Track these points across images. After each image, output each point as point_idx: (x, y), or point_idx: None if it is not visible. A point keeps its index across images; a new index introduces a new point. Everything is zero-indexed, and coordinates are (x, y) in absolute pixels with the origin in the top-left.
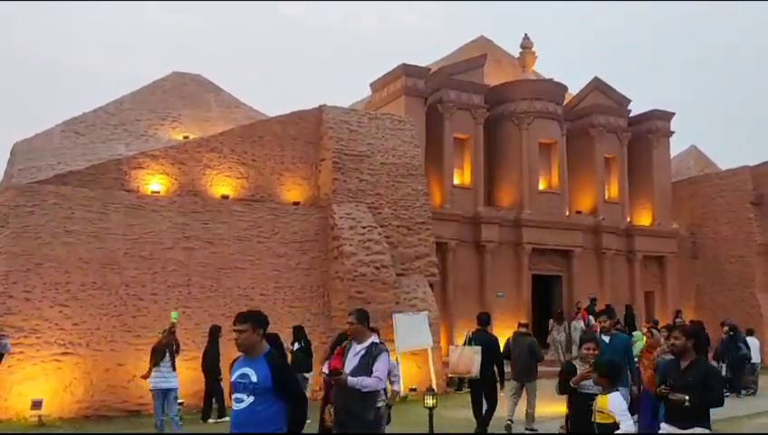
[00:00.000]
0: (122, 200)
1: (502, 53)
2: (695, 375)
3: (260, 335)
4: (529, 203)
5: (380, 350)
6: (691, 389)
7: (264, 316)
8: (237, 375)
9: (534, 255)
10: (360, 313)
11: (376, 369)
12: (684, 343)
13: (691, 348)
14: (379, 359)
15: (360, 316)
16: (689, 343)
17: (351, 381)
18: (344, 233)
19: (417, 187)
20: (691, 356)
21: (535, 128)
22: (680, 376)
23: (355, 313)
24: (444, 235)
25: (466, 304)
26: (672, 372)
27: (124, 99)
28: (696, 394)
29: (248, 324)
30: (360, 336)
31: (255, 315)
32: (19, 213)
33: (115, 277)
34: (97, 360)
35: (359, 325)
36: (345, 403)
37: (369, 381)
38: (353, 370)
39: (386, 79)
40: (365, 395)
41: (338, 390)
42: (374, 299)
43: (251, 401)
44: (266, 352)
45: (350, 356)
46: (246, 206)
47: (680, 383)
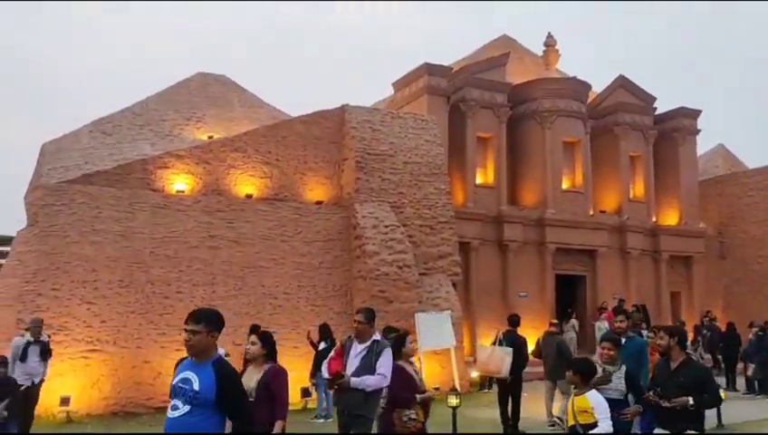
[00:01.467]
0: (148, 200)
1: (525, 52)
2: (686, 376)
3: (213, 338)
4: (552, 202)
5: (383, 346)
6: (683, 390)
7: (220, 317)
8: (179, 379)
9: (558, 254)
10: (369, 312)
11: (379, 365)
12: (667, 342)
13: (678, 347)
14: (383, 355)
15: (368, 315)
16: (673, 341)
17: (354, 382)
18: (367, 232)
19: (439, 186)
20: (681, 356)
21: (559, 126)
22: (671, 377)
23: (364, 311)
24: (467, 234)
25: (489, 303)
26: (662, 373)
27: (150, 99)
28: (687, 394)
29: (202, 325)
30: (364, 336)
31: (211, 315)
32: (48, 212)
33: (141, 276)
34: (124, 357)
35: (367, 325)
36: (348, 405)
37: (372, 380)
38: (356, 370)
39: (408, 78)
40: (369, 395)
41: (340, 391)
42: (396, 298)
43: (186, 411)
44: (216, 358)
45: (351, 356)
46: (270, 205)
47: (671, 384)
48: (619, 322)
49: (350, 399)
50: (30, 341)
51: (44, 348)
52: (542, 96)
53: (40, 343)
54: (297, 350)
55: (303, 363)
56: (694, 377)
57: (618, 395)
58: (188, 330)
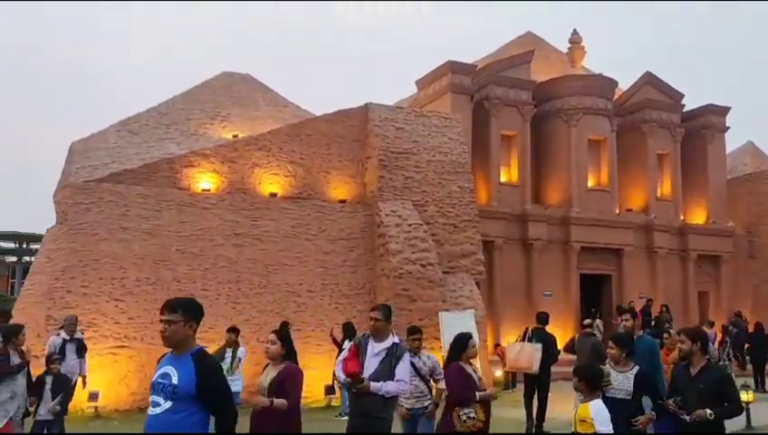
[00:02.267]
0: (174, 198)
1: (550, 49)
2: (706, 382)
3: (192, 329)
4: (578, 201)
5: (403, 350)
6: (702, 397)
7: (198, 306)
8: (158, 374)
9: (583, 253)
10: (386, 308)
11: (398, 372)
12: (689, 347)
13: (699, 352)
14: (402, 359)
15: (386, 312)
16: (695, 346)
17: (374, 387)
18: (390, 230)
19: (463, 184)
20: (701, 361)
21: (584, 124)
22: (690, 383)
23: (382, 308)
24: (490, 233)
25: (513, 303)
26: (682, 379)
27: (175, 99)
28: (708, 402)
29: (179, 314)
30: (381, 334)
31: (188, 304)
32: (77, 210)
33: (168, 273)
34: (151, 353)
35: (384, 322)
36: (367, 409)
37: (392, 387)
38: (375, 373)
39: (432, 76)
40: (388, 400)
41: (358, 396)
42: (420, 297)
43: (167, 407)
44: (195, 350)
45: (368, 356)
46: (294, 203)
47: (690, 391)
48: (624, 320)
49: (370, 403)
50: (66, 338)
51: (80, 345)
52: (568, 93)
53: (76, 341)
54: (321, 347)
55: (327, 361)
56: (714, 383)
57: (623, 395)
58: (164, 320)
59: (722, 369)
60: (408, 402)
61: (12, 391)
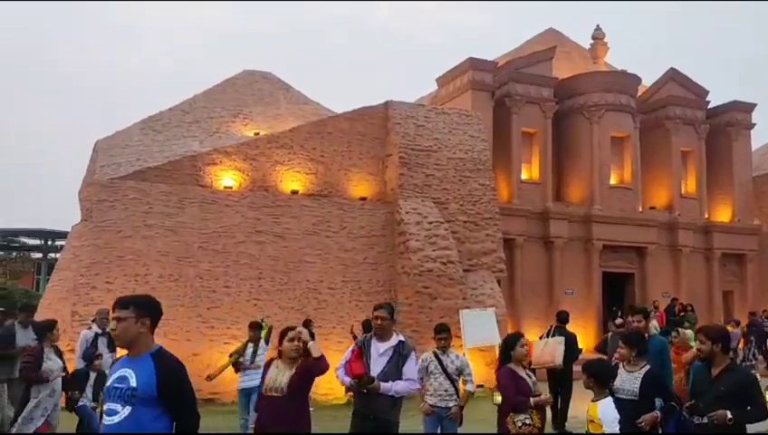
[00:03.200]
0: (197, 195)
1: (572, 45)
2: (727, 384)
3: (146, 327)
4: (600, 198)
5: (409, 348)
6: (722, 399)
7: (154, 303)
8: (113, 379)
9: (605, 252)
10: (390, 307)
11: (407, 370)
12: (709, 348)
13: (720, 352)
14: (410, 358)
15: (390, 311)
16: (716, 347)
17: (385, 388)
18: (410, 228)
19: (484, 182)
20: (723, 362)
21: (607, 121)
22: (710, 386)
23: (385, 307)
24: (511, 230)
25: (534, 301)
26: (703, 381)
27: (198, 97)
28: (728, 405)
29: (129, 311)
30: (385, 334)
31: (141, 301)
32: (101, 207)
33: (190, 270)
34: (173, 349)
35: (389, 321)
36: (376, 410)
37: (402, 386)
38: (383, 373)
39: (452, 73)
40: (397, 400)
41: (365, 396)
42: (440, 295)
43: (127, 414)
44: (155, 349)
45: (373, 356)
46: (315, 201)
47: (710, 394)
48: (636, 321)
49: (379, 404)
50: (98, 332)
51: (112, 339)
52: (590, 90)
53: (107, 335)
54: (341, 344)
55: None
56: (736, 385)
57: (629, 396)
58: (113, 317)
59: (745, 370)
60: (432, 399)
61: (51, 389)
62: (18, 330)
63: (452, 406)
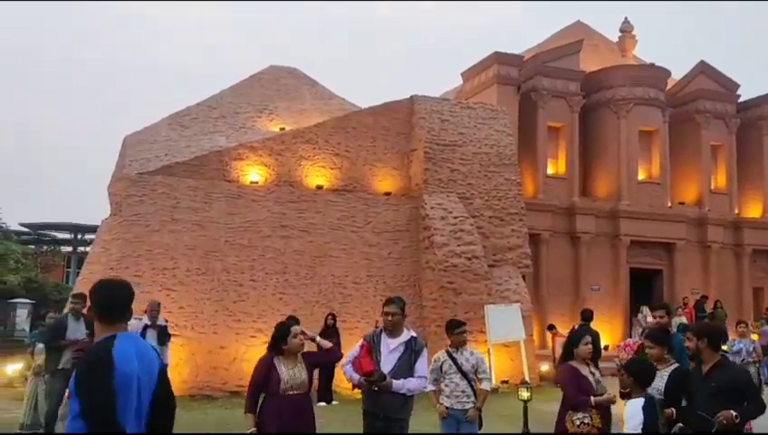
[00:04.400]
0: (224, 190)
1: (599, 38)
2: (718, 380)
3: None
4: (628, 193)
5: (421, 344)
6: (715, 397)
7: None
8: None
9: (633, 247)
10: (401, 302)
11: (418, 368)
12: (695, 345)
13: (708, 349)
14: (422, 355)
15: (401, 306)
16: (702, 343)
17: (396, 385)
18: (435, 223)
19: (509, 176)
20: (713, 359)
21: (635, 115)
22: (701, 384)
23: (396, 301)
24: (537, 226)
25: (560, 297)
26: (695, 380)
27: (224, 93)
28: (722, 403)
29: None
30: (396, 329)
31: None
32: (130, 202)
33: (217, 264)
34: (201, 342)
35: (401, 316)
36: (387, 408)
37: (414, 384)
38: (394, 370)
39: (478, 68)
40: (408, 399)
41: (375, 393)
42: (465, 290)
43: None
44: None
45: (383, 353)
46: (340, 196)
47: (702, 393)
48: (659, 317)
49: (390, 402)
50: (147, 324)
51: (162, 331)
52: (618, 84)
53: (157, 327)
54: None
55: None
56: (728, 382)
57: (656, 394)
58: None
59: (737, 366)
60: (448, 402)
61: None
62: (70, 321)
63: (468, 408)
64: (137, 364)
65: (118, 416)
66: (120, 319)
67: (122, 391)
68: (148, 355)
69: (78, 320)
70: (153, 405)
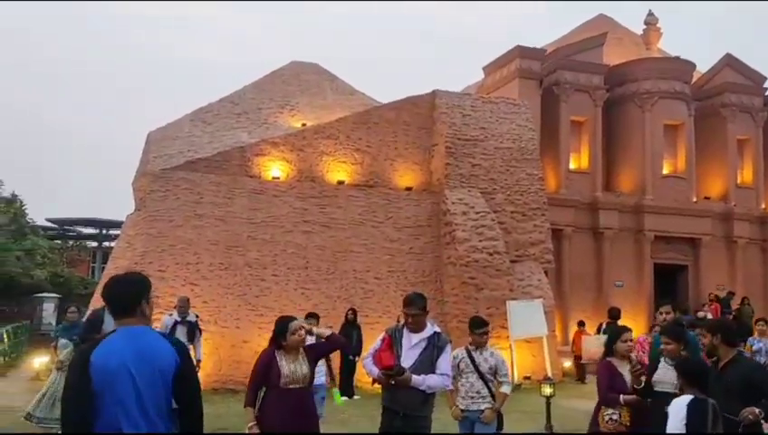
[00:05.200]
0: (246, 186)
1: (623, 31)
2: (733, 377)
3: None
4: (652, 188)
5: (445, 340)
6: (730, 394)
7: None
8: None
9: (657, 243)
10: (421, 299)
11: (441, 365)
12: (709, 341)
13: (723, 344)
14: (445, 351)
15: (423, 304)
16: (716, 339)
17: (416, 381)
18: (457, 218)
19: (531, 171)
20: (729, 354)
21: (660, 109)
22: (716, 380)
23: (417, 300)
24: (559, 221)
25: (582, 293)
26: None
27: (246, 88)
28: (736, 399)
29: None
30: (419, 326)
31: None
32: (154, 197)
33: (239, 259)
34: (224, 336)
35: (422, 315)
36: (407, 405)
37: (435, 381)
38: (415, 366)
39: (499, 62)
40: (428, 396)
41: (394, 389)
42: (487, 285)
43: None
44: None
45: (404, 348)
46: (361, 191)
47: (716, 389)
48: (665, 313)
49: (410, 398)
50: (177, 320)
51: (192, 327)
52: (643, 77)
53: (187, 323)
54: None
55: None
56: (743, 378)
57: (672, 389)
58: None
59: (753, 362)
60: (463, 403)
61: None
62: (106, 316)
63: (484, 408)
64: (128, 361)
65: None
66: (123, 314)
67: (106, 388)
68: (150, 354)
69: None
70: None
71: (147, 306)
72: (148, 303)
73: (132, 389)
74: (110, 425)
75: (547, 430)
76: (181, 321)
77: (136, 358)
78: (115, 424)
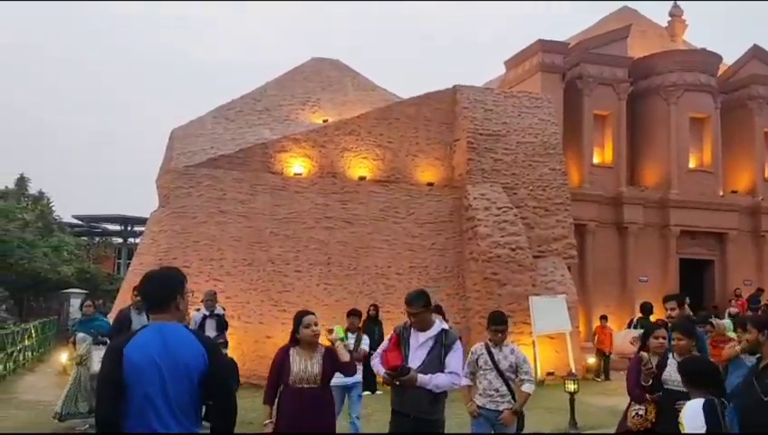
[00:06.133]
0: (268, 182)
1: (648, 23)
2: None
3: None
4: (677, 182)
5: (453, 338)
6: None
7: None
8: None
9: (683, 238)
10: (422, 297)
11: (449, 363)
12: (755, 337)
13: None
14: (453, 349)
15: (425, 301)
16: (762, 335)
17: (422, 381)
18: (479, 214)
19: (554, 166)
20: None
21: (685, 101)
22: (757, 378)
23: (417, 299)
24: (583, 216)
25: (606, 288)
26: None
27: (268, 85)
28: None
29: None
30: (425, 324)
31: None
32: (178, 194)
33: (262, 255)
34: (247, 332)
35: (425, 313)
36: (414, 407)
37: (442, 380)
38: (422, 366)
39: (521, 56)
40: (438, 396)
41: (401, 391)
42: (509, 281)
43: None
44: None
45: (412, 348)
46: (382, 187)
47: (758, 388)
48: (669, 309)
49: (416, 399)
50: (206, 314)
51: (220, 321)
52: (668, 69)
53: (215, 317)
54: None
55: None
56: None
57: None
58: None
59: None
60: (481, 401)
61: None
62: (133, 315)
63: (503, 409)
64: (157, 357)
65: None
66: (158, 309)
67: (135, 382)
68: (178, 351)
69: (141, 313)
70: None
71: (182, 301)
72: (184, 298)
73: (160, 384)
74: (140, 417)
75: (571, 427)
76: (210, 315)
77: (165, 354)
78: (144, 418)
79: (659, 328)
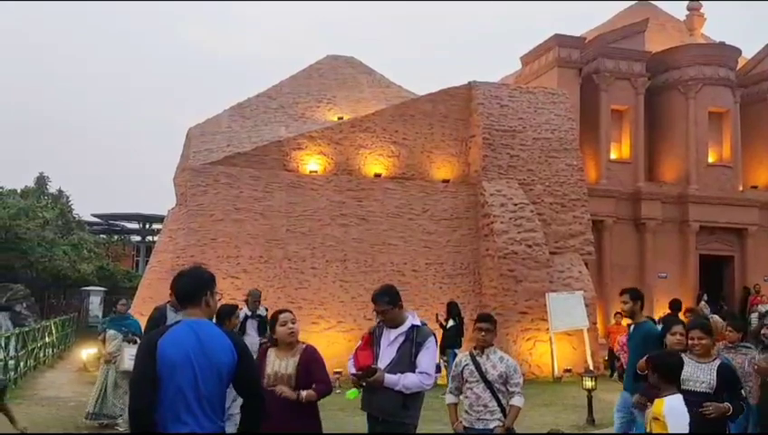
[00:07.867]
0: (284, 180)
1: (666, 17)
2: None
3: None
4: (696, 178)
5: (425, 334)
6: None
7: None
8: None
9: (702, 233)
10: (391, 292)
11: (421, 361)
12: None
13: None
14: (425, 346)
15: (393, 298)
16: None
17: (390, 381)
18: (495, 210)
19: (571, 162)
20: None
21: (704, 96)
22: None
23: (381, 295)
24: (600, 212)
25: (624, 284)
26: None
27: (283, 83)
28: None
29: None
30: (395, 321)
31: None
32: (195, 192)
33: (279, 252)
34: None
35: (393, 310)
36: (382, 410)
37: (411, 380)
38: (392, 364)
39: (537, 51)
40: (408, 397)
41: (371, 392)
42: (526, 278)
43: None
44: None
45: (383, 346)
46: (398, 184)
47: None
48: (622, 302)
49: (385, 401)
50: (248, 314)
51: (262, 322)
52: (686, 64)
53: (257, 317)
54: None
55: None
56: None
57: (705, 388)
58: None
59: None
60: (467, 419)
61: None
62: (169, 313)
63: (493, 427)
64: (191, 352)
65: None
66: (188, 305)
67: (168, 375)
68: (211, 348)
69: (177, 312)
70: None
71: (212, 299)
72: (213, 296)
73: (192, 379)
74: (171, 411)
75: (589, 424)
76: (252, 315)
77: (198, 350)
78: (174, 410)
79: (678, 323)
